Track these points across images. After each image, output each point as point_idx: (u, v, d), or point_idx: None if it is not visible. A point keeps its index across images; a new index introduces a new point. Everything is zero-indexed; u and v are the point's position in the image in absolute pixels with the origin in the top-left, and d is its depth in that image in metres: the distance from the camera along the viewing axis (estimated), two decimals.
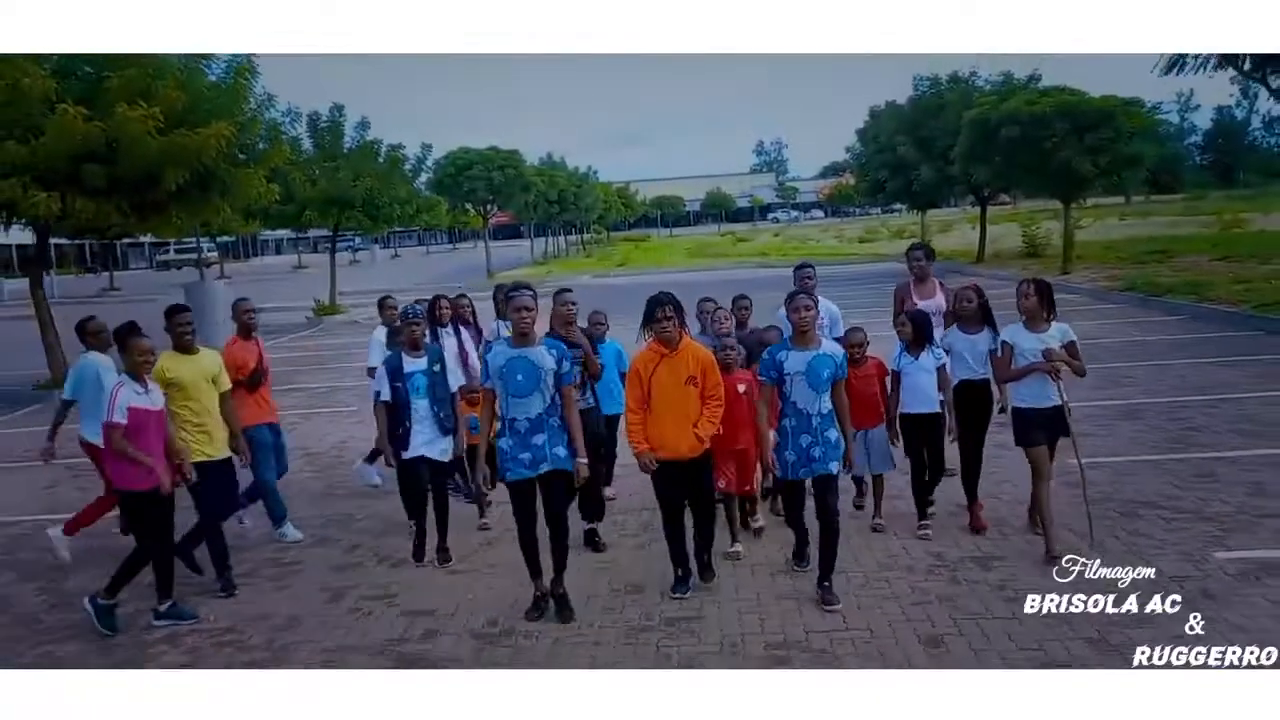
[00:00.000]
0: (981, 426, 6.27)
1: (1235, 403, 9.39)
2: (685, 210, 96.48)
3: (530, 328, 5.14)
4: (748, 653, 4.77)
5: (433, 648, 5.07)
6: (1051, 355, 5.62)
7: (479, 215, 44.32)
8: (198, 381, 5.92)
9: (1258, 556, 5.52)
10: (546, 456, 5.12)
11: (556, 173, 51.40)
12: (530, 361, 5.06)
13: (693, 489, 5.44)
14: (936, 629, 4.89)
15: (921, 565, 5.75)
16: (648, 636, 5.01)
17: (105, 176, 12.51)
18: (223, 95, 14.03)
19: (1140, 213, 52.06)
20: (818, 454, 5.20)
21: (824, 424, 5.21)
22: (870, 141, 34.67)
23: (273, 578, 6.23)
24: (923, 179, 30.46)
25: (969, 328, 6.22)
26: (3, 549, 7.40)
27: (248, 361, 6.73)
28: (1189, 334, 14.10)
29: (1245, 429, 8.40)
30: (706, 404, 5.30)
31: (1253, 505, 6.41)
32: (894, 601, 5.26)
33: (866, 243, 48.66)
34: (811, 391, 5.16)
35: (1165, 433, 8.46)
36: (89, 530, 7.71)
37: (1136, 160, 23.81)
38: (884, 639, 4.82)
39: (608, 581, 5.79)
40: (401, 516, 6.88)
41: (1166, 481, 7.01)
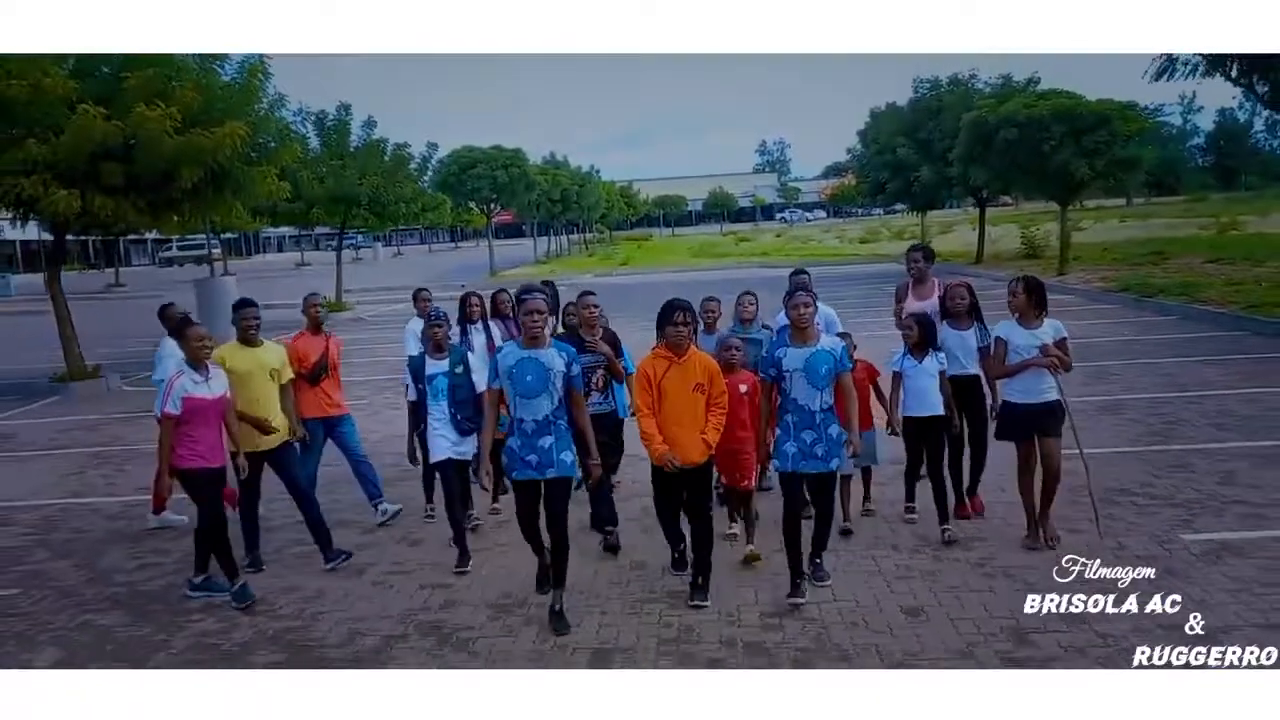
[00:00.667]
0: (976, 421, 6.46)
1: (1216, 399, 9.76)
2: (687, 210, 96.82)
3: (541, 331, 5.15)
4: (744, 621, 5.15)
5: (451, 616, 5.45)
6: (1048, 351, 5.72)
7: (482, 214, 44.69)
8: (253, 372, 6.12)
9: (1221, 538, 5.90)
10: (553, 462, 5.14)
11: (559, 172, 51.73)
12: (540, 363, 5.08)
13: (692, 494, 5.44)
14: (918, 601, 5.27)
15: (907, 545, 6.13)
16: (650, 607, 5.37)
17: (123, 174, 12.90)
18: (236, 95, 14.41)
19: (1141, 215, 52.43)
20: (820, 451, 5.24)
21: (827, 419, 5.26)
22: (870, 143, 35.01)
23: (298, 555, 6.59)
24: (922, 180, 30.81)
25: (959, 324, 6.45)
26: (36, 529, 7.76)
27: (309, 355, 6.89)
28: (1178, 334, 14.46)
29: (1223, 424, 8.77)
30: (711, 411, 5.33)
31: (1222, 493, 6.78)
32: (879, 576, 5.64)
33: (868, 243, 48.96)
34: (811, 388, 5.22)
35: (1146, 426, 8.84)
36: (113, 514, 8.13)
37: (1133, 163, 24.12)
38: (869, 609, 5.20)
39: (613, 559, 6.16)
40: (417, 501, 7.26)
41: (1143, 471, 7.37)
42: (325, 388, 7.00)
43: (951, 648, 4.70)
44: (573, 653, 4.92)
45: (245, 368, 6.12)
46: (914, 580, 5.56)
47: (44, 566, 6.83)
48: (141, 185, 13.32)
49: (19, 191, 12.46)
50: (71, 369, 15.07)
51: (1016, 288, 5.90)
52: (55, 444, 11.27)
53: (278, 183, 15.65)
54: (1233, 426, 8.64)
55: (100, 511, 8.15)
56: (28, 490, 9.03)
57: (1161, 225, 40.43)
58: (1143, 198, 70.22)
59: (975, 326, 6.43)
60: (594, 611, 5.39)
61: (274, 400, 6.25)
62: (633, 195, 79.05)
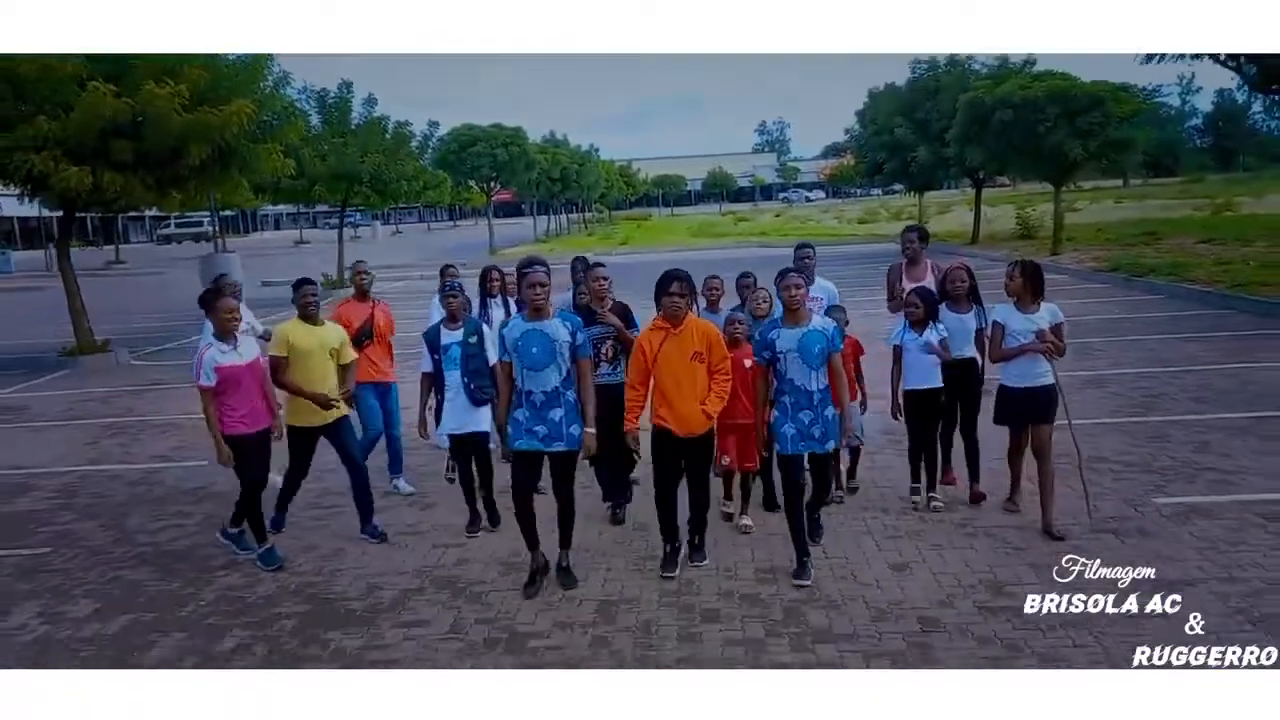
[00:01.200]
0: (972, 404, 6.52)
1: (1197, 374, 10.09)
2: (687, 190, 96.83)
3: (544, 303, 5.20)
4: (740, 575, 5.49)
5: (464, 572, 5.78)
6: (1044, 336, 5.75)
7: (482, 192, 44.81)
8: (314, 350, 6.22)
9: (1191, 502, 6.24)
10: (562, 435, 5.20)
11: (559, 151, 51.81)
12: (545, 335, 5.14)
13: (692, 463, 5.50)
14: (904, 557, 5.61)
15: (895, 508, 6.46)
16: (653, 564, 5.68)
17: (132, 151, 13.12)
18: (242, 73, 14.63)
19: (1137, 195, 52.62)
20: (818, 433, 5.30)
21: (823, 400, 5.30)
22: (869, 123, 35.20)
23: (315, 518, 6.91)
24: (920, 160, 31.03)
25: (959, 307, 6.40)
26: (61, 494, 8.08)
27: (353, 321, 7.03)
28: (1165, 312, 14.77)
29: (1202, 397, 9.11)
30: (714, 379, 5.34)
31: (1195, 460, 7.13)
32: (869, 536, 5.98)
33: (866, 224, 49.16)
34: (806, 368, 5.26)
35: (1127, 399, 9.17)
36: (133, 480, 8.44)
37: (1127, 144, 24.33)
38: (858, 564, 5.55)
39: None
40: (430, 468, 7.58)
41: (1122, 441, 7.70)
42: (371, 354, 7.09)
43: (932, 598, 5.04)
44: (580, 604, 5.25)
45: (307, 345, 6.22)
46: (901, 539, 5.90)
47: (71, 528, 7.15)
48: (150, 162, 13.55)
49: (30, 168, 12.68)
50: (81, 343, 15.35)
51: (1014, 272, 5.93)
52: (70, 415, 11.57)
53: (283, 160, 15.88)
54: (1210, 400, 8.98)
55: (120, 478, 8.46)
56: (47, 459, 9.33)
57: (1157, 206, 40.67)
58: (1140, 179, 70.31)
59: (974, 309, 6.42)
60: (599, 568, 5.72)
61: (333, 378, 6.33)
62: (632, 175, 79.04)
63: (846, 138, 57.27)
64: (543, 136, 52.05)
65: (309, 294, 6.39)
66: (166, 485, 8.09)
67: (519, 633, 4.95)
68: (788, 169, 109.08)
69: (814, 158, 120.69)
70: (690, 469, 5.53)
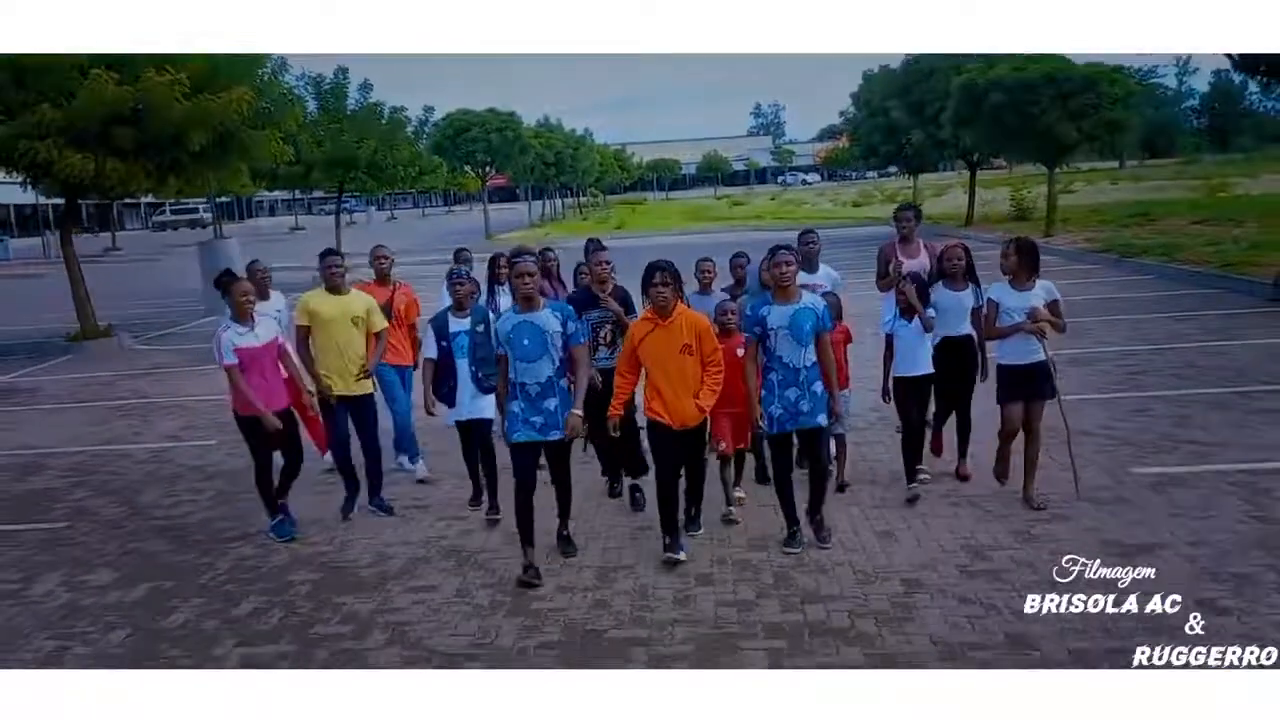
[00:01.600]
0: (967, 381, 6.52)
1: (1181, 351, 10.33)
2: (681, 174, 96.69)
3: (534, 293, 5.23)
4: (732, 543, 5.74)
5: (468, 542, 6.04)
6: (1037, 315, 5.78)
7: (477, 177, 44.86)
8: (336, 318, 6.35)
9: (1169, 472, 6.50)
10: (558, 424, 5.27)
11: (553, 135, 51.81)
12: (536, 326, 5.18)
13: (690, 454, 5.60)
14: (889, 526, 5.86)
15: (884, 480, 6.71)
16: (649, 533, 5.92)
17: (134, 138, 13.28)
18: (241, 60, 14.74)
19: (1133, 177, 52.73)
20: (805, 407, 5.37)
21: (810, 377, 5.38)
22: (864, 105, 35.27)
23: (319, 493, 7.11)
24: (914, 143, 31.16)
25: (955, 285, 6.37)
26: (74, 472, 8.31)
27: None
28: (1154, 291, 14.99)
29: (1184, 373, 9.35)
30: (707, 371, 5.34)
31: (1175, 433, 7.38)
32: (857, 507, 6.23)
33: (860, 207, 49.23)
34: (796, 345, 5.34)
35: (1112, 376, 9.42)
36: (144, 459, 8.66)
37: (1120, 126, 24.50)
38: (845, 533, 5.79)
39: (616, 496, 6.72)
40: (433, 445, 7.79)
41: (1106, 415, 7.94)
42: (391, 338, 7.04)
43: (915, 562, 5.30)
44: (580, 570, 5.50)
45: (329, 314, 6.36)
46: (887, 509, 6.15)
47: (87, 504, 7.38)
48: (151, 149, 13.71)
49: (34, 155, 12.84)
50: (85, 328, 15.55)
51: (1009, 249, 5.99)
52: (78, 398, 11.79)
53: (281, 145, 16.03)
54: (1192, 375, 9.23)
55: (131, 457, 8.70)
56: (58, 439, 9.56)
57: (1152, 188, 40.78)
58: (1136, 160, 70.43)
59: (971, 288, 6.40)
60: (599, 537, 5.96)
61: (357, 346, 6.42)
62: (626, 159, 78.99)
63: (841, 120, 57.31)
64: (537, 121, 52.09)
65: (334, 265, 6.47)
66: (176, 464, 8.32)
67: (523, 596, 5.20)
68: (783, 152, 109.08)
69: (809, 141, 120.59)
70: (687, 458, 5.62)
